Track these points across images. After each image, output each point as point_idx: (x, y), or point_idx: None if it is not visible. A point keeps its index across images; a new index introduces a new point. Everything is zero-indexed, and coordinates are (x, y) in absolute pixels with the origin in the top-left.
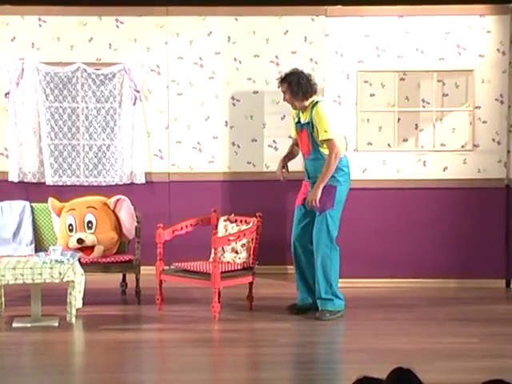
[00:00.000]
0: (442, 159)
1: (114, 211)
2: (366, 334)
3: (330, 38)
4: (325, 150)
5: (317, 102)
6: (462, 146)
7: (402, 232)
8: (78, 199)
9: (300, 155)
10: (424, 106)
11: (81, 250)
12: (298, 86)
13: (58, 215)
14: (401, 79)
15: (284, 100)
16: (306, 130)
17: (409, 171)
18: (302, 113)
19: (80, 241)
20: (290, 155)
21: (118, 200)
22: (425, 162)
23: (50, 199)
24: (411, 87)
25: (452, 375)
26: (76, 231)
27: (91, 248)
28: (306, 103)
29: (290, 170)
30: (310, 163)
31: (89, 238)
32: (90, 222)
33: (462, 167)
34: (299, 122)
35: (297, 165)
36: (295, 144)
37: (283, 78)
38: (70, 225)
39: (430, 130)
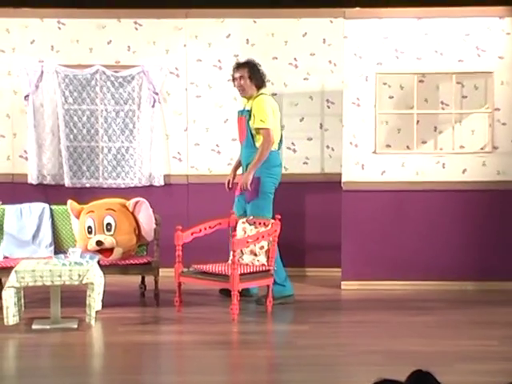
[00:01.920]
0: (461, 161)
1: (132, 213)
2: (385, 336)
3: (348, 40)
4: (256, 140)
5: (261, 94)
6: (482, 148)
7: (421, 234)
8: (97, 201)
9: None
10: (443, 108)
11: (100, 252)
12: (255, 73)
13: (77, 217)
14: (420, 81)
15: (235, 86)
16: (245, 117)
17: (428, 173)
18: (247, 102)
19: (99, 243)
20: (237, 165)
21: (136, 202)
22: (444, 164)
23: (69, 201)
24: (430, 89)
25: (471, 378)
26: (95, 233)
27: (110, 250)
28: (255, 93)
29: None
30: (244, 150)
31: (108, 240)
32: (109, 224)
33: (482, 169)
34: (240, 109)
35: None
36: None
37: (241, 63)
38: (89, 227)
39: (449, 132)
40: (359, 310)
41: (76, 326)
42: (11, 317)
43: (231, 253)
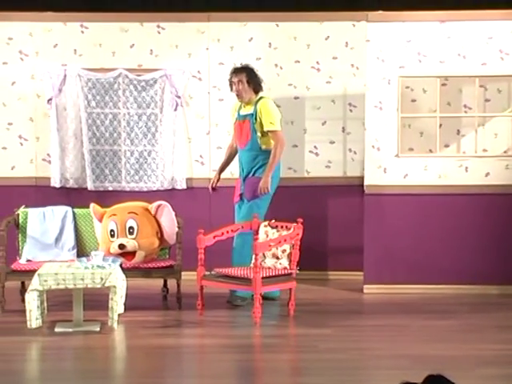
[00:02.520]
0: (484, 165)
1: (155, 217)
2: (407, 340)
3: (371, 43)
4: (262, 143)
5: (262, 97)
6: (505, 152)
7: (443, 238)
8: (120, 205)
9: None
10: (466, 112)
11: (122, 255)
12: (252, 78)
13: (100, 221)
14: (442, 84)
15: (233, 90)
16: (249, 120)
17: (450, 177)
18: (245, 106)
19: (121, 246)
20: (226, 163)
21: (159, 205)
22: (467, 167)
23: (92, 205)
24: (453, 92)
25: (493, 382)
26: (117, 237)
27: (132, 253)
28: (253, 97)
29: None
30: (246, 154)
31: (130, 243)
32: (131, 227)
33: (505, 173)
34: (239, 113)
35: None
36: (230, 146)
37: (239, 68)
38: (112, 230)
39: (472, 135)
40: (381, 314)
41: (98, 329)
42: (34, 320)
43: (253, 256)
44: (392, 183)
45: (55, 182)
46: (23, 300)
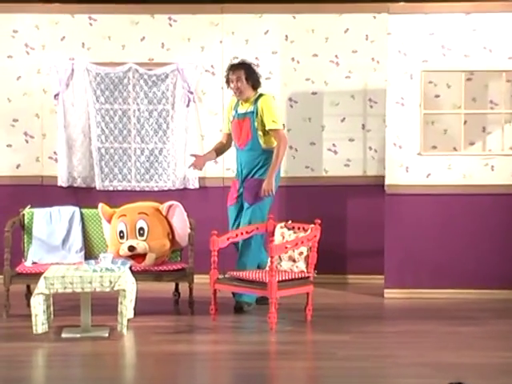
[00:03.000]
0: (510, 163)
1: (166, 217)
2: (430, 347)
3: (392, 36)
4: (263, 142)
5: (262, 94)
6: None
7: (468, 240)
8: (130, 205)
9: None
10: (492, 108)
11: (132, 257)
12: (251, 74)
13: (109, 221)
14: (467, 79)
15: (231, 87)
16: (249, 118)
17: (476, 176)
18: (243, 104)
19: (131, 248)
20: (214, 152)
21: (170, 206)
22: (493, 166)
23: (101, 205)
24: (478, 88)
25: None
26: (127, 238)
27: (143, 256)
28: (252, 94)
29: None
30: (246, 154)
31: (140, 245)
32: (141, 228)
33: None
34: (237, 111)
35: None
36: (221, 143)
37: (237, 64)
38: (121, 231)
39: (499, 132)
40: (403, 320)
41: (107, 335)
42: (40, 325)
43: (269, 259)
44: (414, 183)
45: (62, 181)
46: (29, 304)
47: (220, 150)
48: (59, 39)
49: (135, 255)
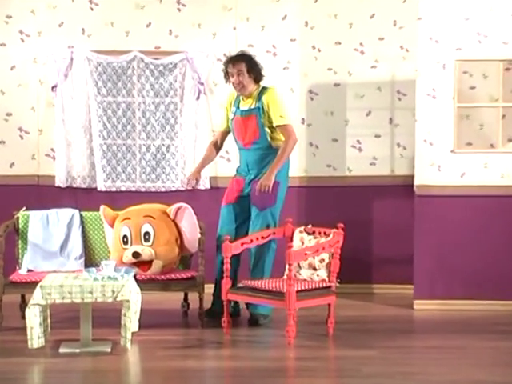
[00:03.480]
0: None
1: (174, 221)
2: (464, 363)
3: (423, 21)
4: (273, 139)
5: (266, 88)
6: None
7: (506, 246)
8: (134, 207)
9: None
10: None
11: (137, 265)
12: (253, 67)
13: (111, 225)
14: (506, 69)
15: (232, 82)
16: (255, 115)
17: None
18: (245, 99)
19: (136, 255)
20: (208, 160)
21: (178, 208)
22: None
23: (102, 207)
24: None
25: None
26: (131, 244)
27: (148, 263)
28: (254, 88)
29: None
30: (253, 153)
31: (146, 251)
32: (147, 233)
33: None
34: (238, 108)
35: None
36: (214, 144)
37: (237, 57)
38: (125, 236)
39: None
40: (434, 334)
41: (109, 350)
42: (36, 339)
43: (287, 267)
44: (447, 183)
45: (60, 181)
46: (23, 316)
47: (211, 157)
48: (57, 25)
49: (140, 262)
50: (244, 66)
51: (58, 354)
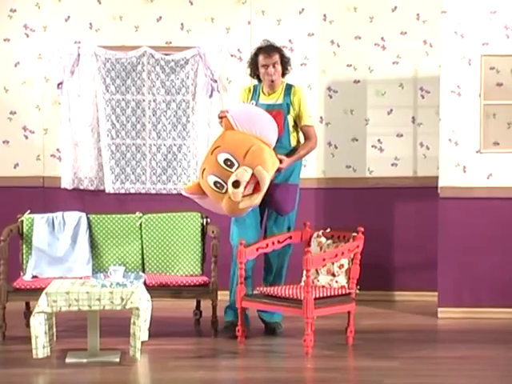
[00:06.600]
0: None
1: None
2: (491, 375)
3: (447, 15)
4: (293, 139)
5: (291, 85)
6: None
7: None
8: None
9: None
10: None
11: (252, 192)
12: (286, 60)
13: (201, 193)
14: None
15: (267, 75)
16: (281, 112)
17: None
18: (266, 93)
19: (236, 184)
20: None
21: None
22: None
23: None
24: None
25: None
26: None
27: (256, 182)
28: (280, 82)
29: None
30: (275, 151)
31: (239, 174)
32: (226, 160)
33: None
34: (258, 102)
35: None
36: None
37: (272, 47)
38: (216, 182)
39: None
40: (460, 344)
41: (118, 360)
42: (41, 348)
43: (304, 273)
44: (473, 185)
45: (66, 183)
46: (28, 324)
47: None
48: (63, 19)
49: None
50: (278, 57)
51: (64, 364)
